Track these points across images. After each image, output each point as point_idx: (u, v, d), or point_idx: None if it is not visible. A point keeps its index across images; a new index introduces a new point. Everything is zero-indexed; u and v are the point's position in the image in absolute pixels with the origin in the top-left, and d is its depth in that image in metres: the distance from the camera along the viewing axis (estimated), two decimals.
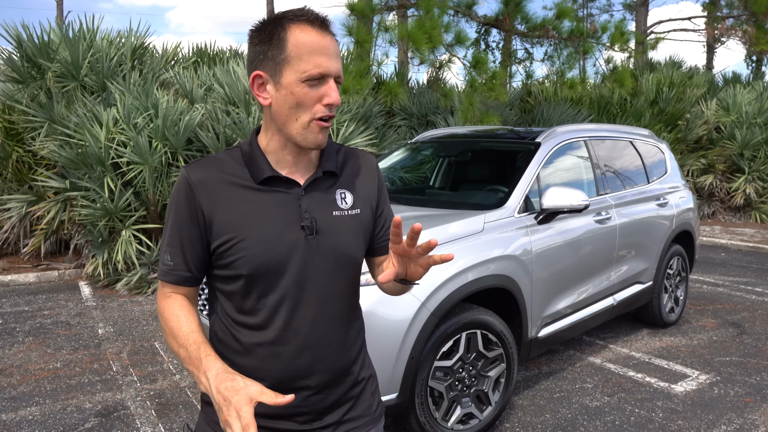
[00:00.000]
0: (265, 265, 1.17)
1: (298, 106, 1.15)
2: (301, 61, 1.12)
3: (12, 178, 6.96)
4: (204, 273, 1.25)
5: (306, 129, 1.16)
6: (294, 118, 1.16)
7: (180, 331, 1.16)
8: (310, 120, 1.16)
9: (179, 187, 1.20)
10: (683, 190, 5.06)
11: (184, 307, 1.21)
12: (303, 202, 1.21)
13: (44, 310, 5.28)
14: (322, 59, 1.13)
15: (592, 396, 3.58)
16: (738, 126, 11.02)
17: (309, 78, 1.13)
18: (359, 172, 1.32)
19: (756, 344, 4.50)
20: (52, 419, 3.24)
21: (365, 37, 7.12)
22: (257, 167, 1.20)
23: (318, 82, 1.14)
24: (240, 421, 0.96)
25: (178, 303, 1.21)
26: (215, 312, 1.27)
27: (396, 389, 2.66)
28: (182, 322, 1.17)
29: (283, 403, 0.98)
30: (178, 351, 1.14)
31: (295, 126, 1.16)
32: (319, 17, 1.15)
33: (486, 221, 3.14)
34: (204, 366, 1.06)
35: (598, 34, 8.81)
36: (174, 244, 1.21)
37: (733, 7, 15.01)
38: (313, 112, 1.15)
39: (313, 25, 1.14)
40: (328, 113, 1.16)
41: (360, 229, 1.28)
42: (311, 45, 1.12)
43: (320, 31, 1.14)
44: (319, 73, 1.13)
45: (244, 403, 0.97)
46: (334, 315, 1.24)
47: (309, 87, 1.13)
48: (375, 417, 1.36)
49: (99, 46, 6.82)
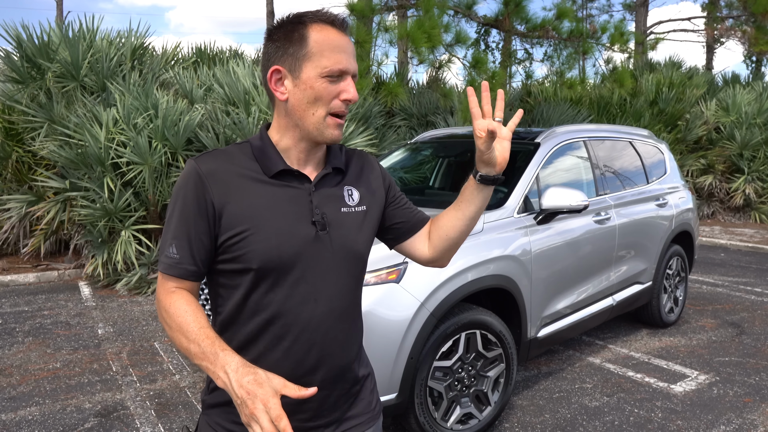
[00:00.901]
0: (277, 259, 1.16)
1: (316, 100, 1.17)
2: (322, 57, 1.15)
3: (12, 179, 6.96)
4: (207, 268, 1.22)
5: (322, 124, 1.18)
6: (311, 112, 1.18)
7: (190, 326, 1.11)
8: (326, 115, 1.18)
9: (187, 179, 1.17)
10: (683, 191, 5.07)
11: (191, 303, 1.16)
12: (314, 197, 1.22)
13: (44, 310, 5.29)
14: (342, 56, 1.16)
15: (592, 396, 3.59)
16: (737, 126, 11.03)
17: (329, 74, 1.16)
18: (363, 169, 1.35)
19: (755, 344, 4.51)
20: (52, 419, 3.24)
21: (365, 37, 7.12)
22: (270, 161, 1.21)
23: (337, 79, 1.17)
24: (269, 413, 0.94)
25: (185, 298, 1.17)
26: (217, 311, 1.26)
27: (395, 389, 2.66)
28: (191, 317, 1.13)
29: (307, 395, 0.98)
30: (189, 347, 1.10)
31: (312, 120, 1.18)
32: (339, 18, 1.20)
33: (485, 221, 3.14)
34: (221, 361, 1.03)
35: (598, 34, 8.81)
36: (180, 236, 1.17)
37: (733, 7, 15.01)
38: (330, 107, 1.18)
39: (334, 24, 1.18)
40: (344, 109, 1.19)
41: (367, 226, 1.29)
42: (332, 42, 1.16)
43: (340, 30, 1.19)
44: (340, 69, 1.16)
45: (270, 395, 0.96)
46: (341, 311, 1.25)
47: (328, 82, 1.16)
48: (374, 415, 1.37)
49: (99, 47, 6.82)
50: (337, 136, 1.21)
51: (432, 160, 4.91)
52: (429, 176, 4.88)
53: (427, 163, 4.95)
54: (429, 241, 1.40)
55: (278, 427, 0.94)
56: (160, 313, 1.19)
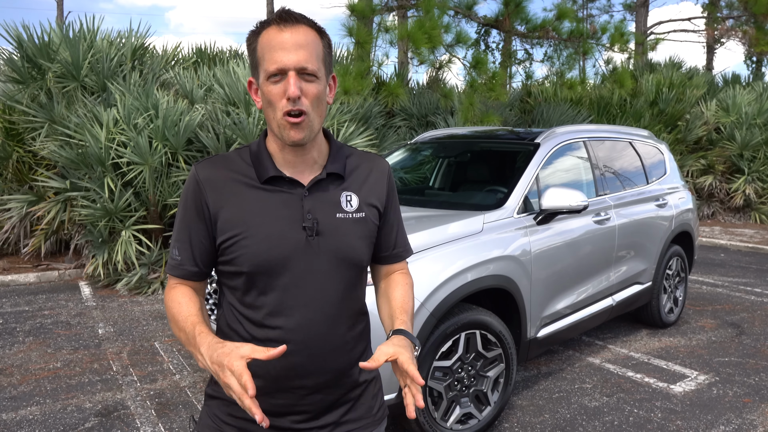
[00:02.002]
0: (265, 263, 1.19)
1: (269, 104, 1.17)
2: (264, 61, 1.16)
3: (12, 179, 6.97)
4: (211, 268, 1.28)
5: (280, 126, 1.17)
6: (271, 116, 1.18)
7: (180, 315, 1.19)
8: (280, 116, 1.16)
9: (188, 185, 1.25)
10: (682, 191, 5.07)
11: (185, 295, 1.24)
12: (306, 202, 1.22)
13: (44, 310, 5.29)
14: (278, 54, 1.13)
15: (591, 396, 3.59)
16: (738, 127, 11.03)
17: (269, 75, 1.15)
18: (369, 175, 1.32)
19: (755, 345, 4.51)
20: (52, 419, 3.25)
21: (365, 37, 7.13)
22: (262, 167, 1.23)
23: (280, 78, 1.15)
24: (234, 374, 0.98)
25: (181, 291, 1.25)
26: (221, 305, 1.30)
27: (395, 389, 2.67)
28: (183, 307, 1.20)
29: (275, 354, 1.00)
30: (179, 335, 1.18)
31: (274, 125, 1.19)
32: (281, 14, 1.17)
33: (485, 222, 3.15)
34: (198, 342, 1.10)
35: (598, 34, 8.82)
36: (182, 239, 1.25)
37: (733, 8, 15.01)
38: (280, 108, 1.16)
39: (276, 23, 1.16)
40: (291, 107, 1.14)
41: (365, 233, 1.28)
42: (269, 43, 1.15)
43: (280, 26, 1.15)
44: (276, 68, 1.14)
45: (235, 359, 1.00)
46: (334, 316, 1.24)
47: (273, 84, 1.15)
48: (376, 420, 1.36)
49: (99, 47, 6.83)
50: (296, 137, 1.17)
51: (432, 161, 4.92)
52: (429, 176, 4.88)
53: (427, 163, 4.96)
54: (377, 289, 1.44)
55: (240, 383, 0.98)
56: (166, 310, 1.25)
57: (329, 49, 1.23)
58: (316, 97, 1.16)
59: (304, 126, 1.17)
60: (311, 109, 1.16)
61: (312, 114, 1.17)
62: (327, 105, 1.23)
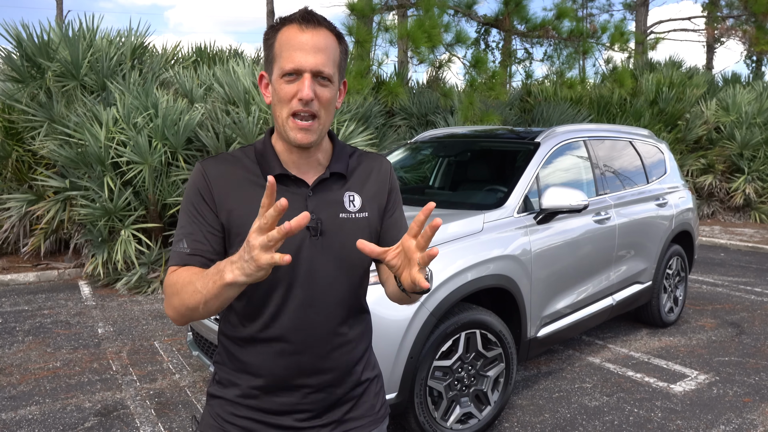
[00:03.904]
0: None
1: (279, 101, 1.17)
2: (281, 58, 1.16)
3: (12, 178, 6.96)
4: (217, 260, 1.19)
5: (286, 125, 1.18)
6: (278, 114, 1.18)
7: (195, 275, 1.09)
8: (287, 116, 1.17)
9: (194, 181, 1.22)
10: (682, 190, 5.07)
11: (192, 269, 1.15)
12: (310, 202, 1.22)
13: (44, 309, 5.29)
14: (296, 54, 1.14)
15: (591, 396, 3.59)
16: (738, 126, 11.03)
17: (284, 73, 1.15)
18: (371, 175, 1.32)
19: (755, 344, 4.51)
20: (52, 418, 3.24)
21: (365, 36, 7.12)
22: (268, 165, 1.23)
23: (294, 78, 1.15)
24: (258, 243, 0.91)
25: (185, 268, 1.16)
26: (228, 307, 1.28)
27: (395, 389, 2.66)
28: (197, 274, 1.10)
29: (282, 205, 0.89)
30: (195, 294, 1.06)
31: (280, 122, 1.19)
32: (304, 14, 1.17)
33: (485, 221, 3.14)
34: (221, 266, 1.00)
35: (598, 34, 8.82)
36: (194, 231, 1.18)
37: (733, 7, 15.01)
38: (288, 108, 1.16)
39: (297, 22, 1.16)
40: (301, 108, 1.15)
41: (367, 233, 1.27)
42: (289, 41, 1.15)
43: (301, 27, 1.16)
44: (292, 68, 1.14)
45: (250, 239, 0.92)
46: (338, 317, 1.25)
47: (286, 82, 1.16)
48: (378, 418, 1.36)
49: (99, 46, 6.82)
50: (301, 139, 1.17)
51: (432, 160, 4.91)
52: (428, 176, 4.88)
53: (427, 162, 4.96)
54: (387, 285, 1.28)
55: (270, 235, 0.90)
56: (168, 300, 1.14)
57: (345, 55, 1.24)
58: (328, 102, 1.18)
59: (313, 130, 1.18)
60: (322, 113, 1.18)
61: (322, 117, 1.18)
62: (335, 109, 1.24)
